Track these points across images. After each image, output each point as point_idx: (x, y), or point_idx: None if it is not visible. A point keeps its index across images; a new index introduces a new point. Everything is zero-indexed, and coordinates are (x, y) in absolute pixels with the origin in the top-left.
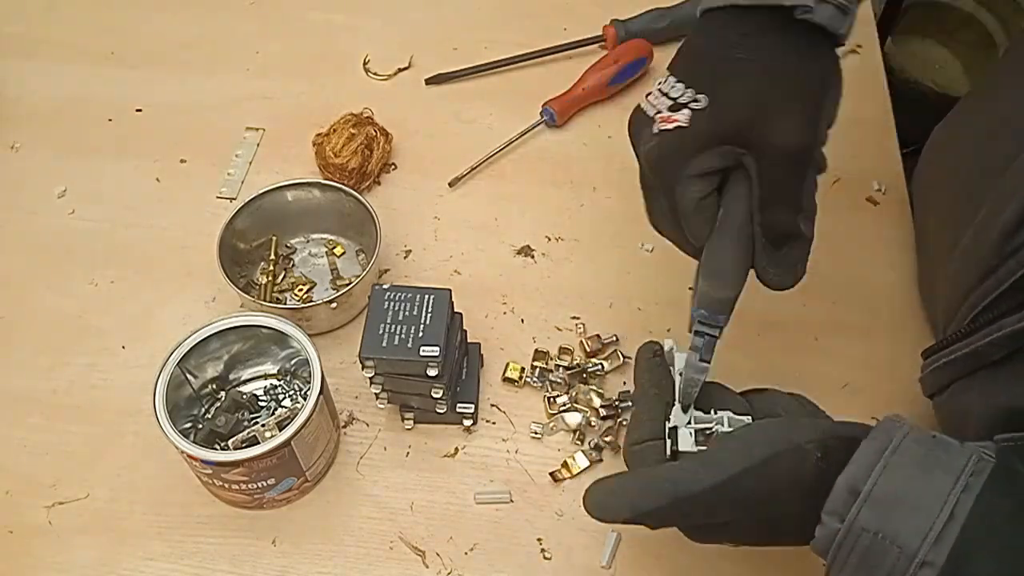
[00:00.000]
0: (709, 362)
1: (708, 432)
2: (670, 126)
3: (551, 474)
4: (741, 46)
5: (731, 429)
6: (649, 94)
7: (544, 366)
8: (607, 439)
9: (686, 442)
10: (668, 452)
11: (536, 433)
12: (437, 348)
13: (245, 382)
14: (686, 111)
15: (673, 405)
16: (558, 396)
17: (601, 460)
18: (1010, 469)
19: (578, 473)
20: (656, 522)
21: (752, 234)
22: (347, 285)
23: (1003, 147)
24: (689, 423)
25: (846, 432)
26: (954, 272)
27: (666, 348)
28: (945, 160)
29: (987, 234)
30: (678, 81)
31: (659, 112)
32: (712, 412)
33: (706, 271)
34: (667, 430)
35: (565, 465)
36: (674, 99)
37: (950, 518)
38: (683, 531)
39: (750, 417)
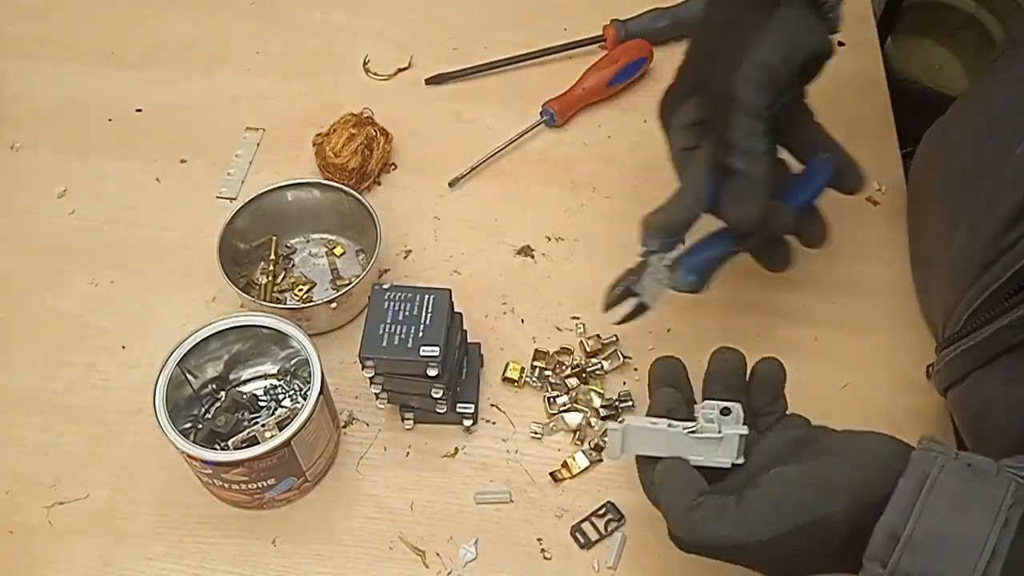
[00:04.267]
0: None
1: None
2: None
3: (551, 474)
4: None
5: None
6: None
7: (544, 366)
8: (607, 439)
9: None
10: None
11: (536, 433)
12: (437, 348)
13: (245, 382)
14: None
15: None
16: (558, 396)
17: (601, 460)
18: None
19: (578, 473)
20: (680, 546)
21: (711, 173)
22: (347, 285)
23: (995, 145)
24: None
25: (879, 491)
26: (951, 269)
27: (617, 429)
28: (938, 159)
29: (983, 230)
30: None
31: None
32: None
33: (666, 203)
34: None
35: (565, 465)
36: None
37: (992, 556)
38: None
39: (745, 428)
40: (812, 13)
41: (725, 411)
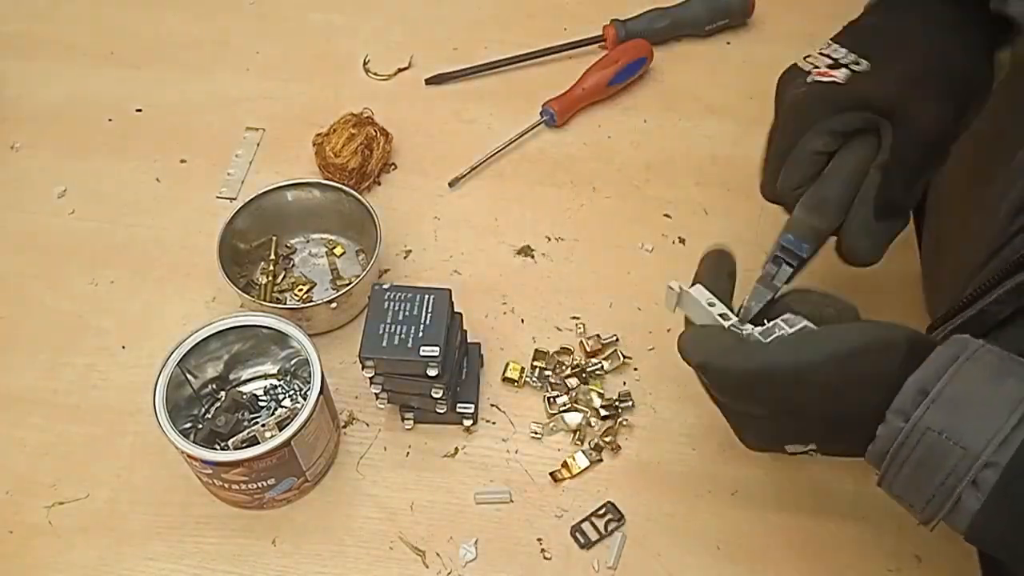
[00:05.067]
0: (780, 286)
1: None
2: (825, 79)
3: (551, 474)
4: (916, 30)
5: (793, 330)
6: (807, 56)
7: (544, 366)
8: (607, 439)
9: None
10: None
11: (536, 433)
12: (437, 348)
13: (245, 382)
14: (845, 70)
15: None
16: (558, 396)
17: (601, 460)
18: None
19: (578, 473)
20: (731, 390)
21: (856, 190)
22: (347, 285)
23: (1008, 135)
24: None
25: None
26: (962, 259)
27: (675, 289)
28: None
29: (994, 215)
30: (842, 46)
31: (817, 68)
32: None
33: (809, 202)
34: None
35: (565, 465)
36: (835, 59)
37: (1019, 423)
38: (743, 431)
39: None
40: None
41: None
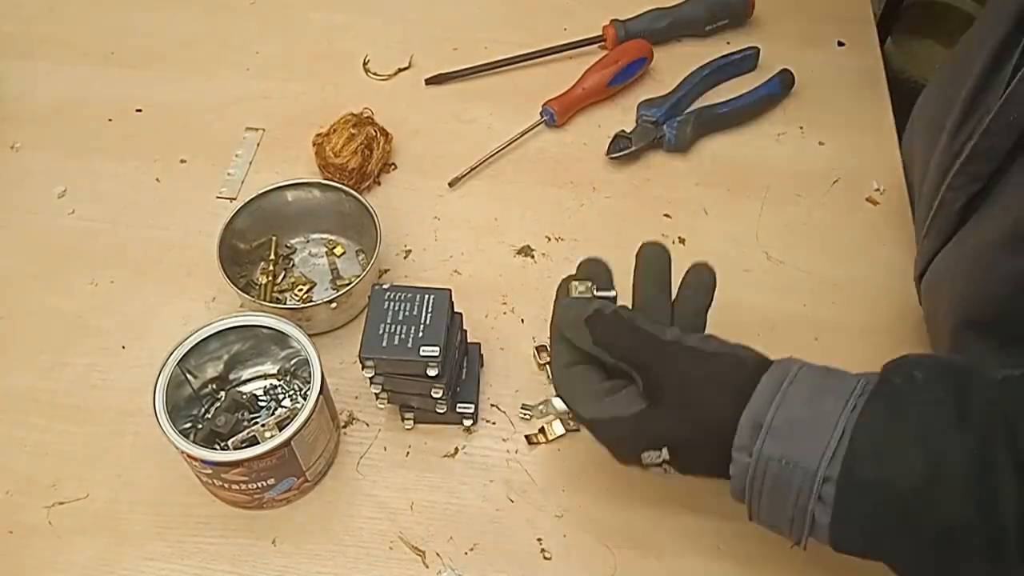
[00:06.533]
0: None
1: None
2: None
3: (526, 437)
4: None
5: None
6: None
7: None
8: None
9: None
10: None
11: (525, 415)
12: (437, 348)
13: (245, 382)
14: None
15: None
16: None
17: (578, 430)
18: (885, 386)
19: (553, 439)
20: (609, 348)
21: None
22: (347, 285)
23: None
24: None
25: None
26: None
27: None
28: (922, 121)
29: (949, 139)
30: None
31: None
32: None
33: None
34: None
35: (542, 431)
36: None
37: (842, 435)
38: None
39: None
40: None
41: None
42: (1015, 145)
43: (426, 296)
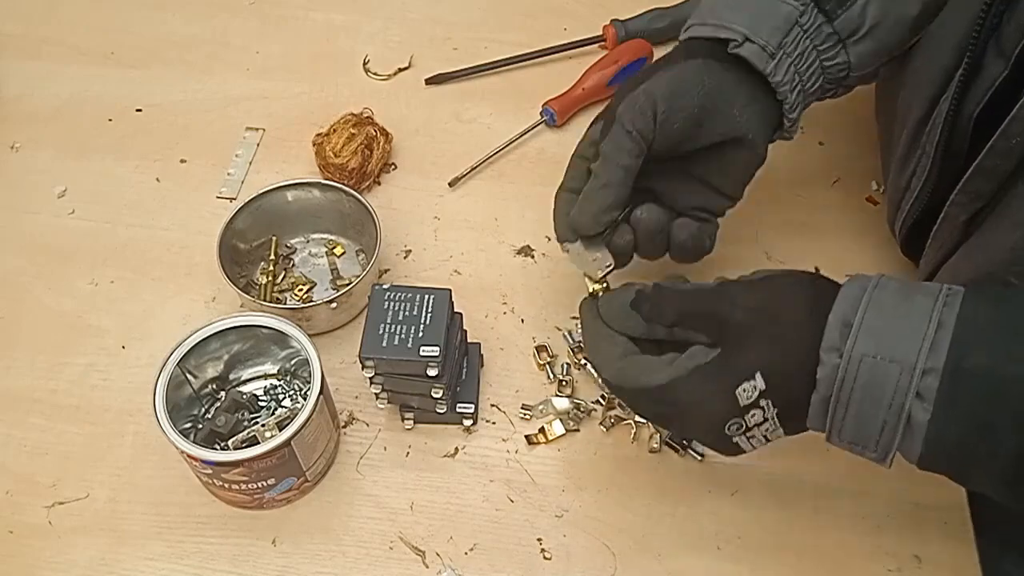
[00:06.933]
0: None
1: None
2: None
3: (526, 437)
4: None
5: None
6: None
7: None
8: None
9: None
10: None
11: (525, 415)
12: (437, 348)
13: (245, 382)
14: None
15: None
16: (559, 378)
17: (578, 430)
18: (979, 287)
19: (553, 439)
20: (662, 317)
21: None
22: (347, 285)
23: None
24: None
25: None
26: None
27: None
28: (887, 94)
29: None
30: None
31: None
32: None
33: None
34: None
35: (542, 431)
36: None
37: (939, 327)
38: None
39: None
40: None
41: None
42: (1017, 166)
43: (426, 296)
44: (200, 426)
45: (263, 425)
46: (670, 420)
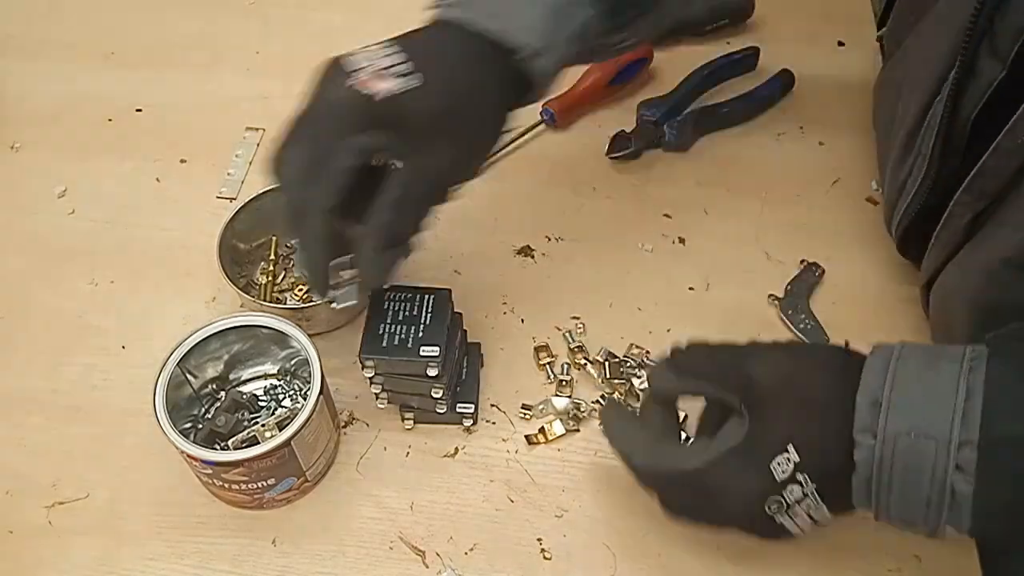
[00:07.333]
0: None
1: None
2: (364, 89)
3: (526, 437)
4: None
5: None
6: (361, 51)
7: (551, 359)
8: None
9: None
10: None
11: (525, 415)
12: (437, 348)
13: (245, 382)
14: (389, 83)
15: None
16: (558, 378)
17: (578, 430)
18: (1002, 347)
19: (553, 439)
20: (695, 370)
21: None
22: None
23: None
24: None
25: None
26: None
27: None
28: (883, 97)
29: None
30: (398, 54)
31: (362, 72)
32: None
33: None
34: None
35: (542, 431)
36: (385, 67)
37: (968, 395)
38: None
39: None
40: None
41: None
42: (1022, 166)
43: (426, 296)
44: (200, 426)
45: (263, 425)
46: (706, 509)
